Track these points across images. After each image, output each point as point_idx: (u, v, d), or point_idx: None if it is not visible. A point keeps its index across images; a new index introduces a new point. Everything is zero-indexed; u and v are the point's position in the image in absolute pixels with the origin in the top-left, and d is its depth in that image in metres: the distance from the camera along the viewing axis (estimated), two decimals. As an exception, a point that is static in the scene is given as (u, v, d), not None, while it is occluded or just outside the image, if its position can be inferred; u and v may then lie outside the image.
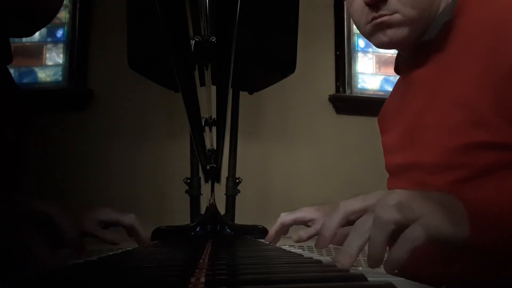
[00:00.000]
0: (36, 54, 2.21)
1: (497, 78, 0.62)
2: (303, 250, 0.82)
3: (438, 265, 0.65)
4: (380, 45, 0.78)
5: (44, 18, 0.77)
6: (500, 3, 0.67)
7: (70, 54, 2.19)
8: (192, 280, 0.32)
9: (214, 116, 0.84)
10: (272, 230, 0.92)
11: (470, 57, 0.67)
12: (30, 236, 0.48)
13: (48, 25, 0.87)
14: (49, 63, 2.22)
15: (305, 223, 0.92)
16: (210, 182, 1.18)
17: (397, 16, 0.73)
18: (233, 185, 1.67)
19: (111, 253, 0.68)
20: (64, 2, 0.83)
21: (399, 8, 0.73)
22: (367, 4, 0.74)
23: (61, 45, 2.22)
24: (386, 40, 0.76)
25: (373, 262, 0.43)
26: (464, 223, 0.47)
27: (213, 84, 0.72)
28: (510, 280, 0.56)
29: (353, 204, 0.52)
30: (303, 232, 0.84)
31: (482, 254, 0.50)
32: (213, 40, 0.60)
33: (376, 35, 0.77)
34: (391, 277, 0.37)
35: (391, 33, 0.75)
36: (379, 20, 0.74)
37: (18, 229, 0.48)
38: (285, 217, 0.90)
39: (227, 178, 1.67)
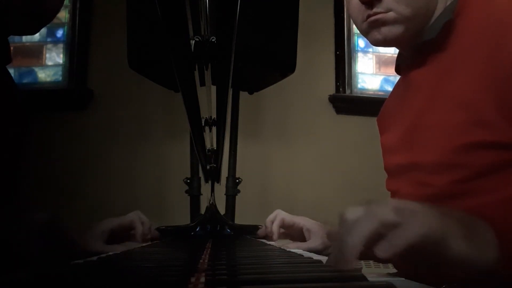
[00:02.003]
0: (36, 54, 2.21)
1: (498, 79, 0.62)
2: (303, 250, 0.82)
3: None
4: (376, 43, 0.79)
5: (48, 15, 0.77)
6: (500, 3, 0.67)
7: (70, 54, 2.19)
8: (192, 280, 0.32)
9: (214, 116, 0.84)
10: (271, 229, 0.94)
11: (471, 57, 0.67)
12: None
13: (48, 25, 0.87)
14: (49, 63, 2.22)
15: (301, 230, 0.95)
16: (210, 182, 1.18)
17: (391, 14, 0.74)
18: (233, 185, 1.67)
19: (111, 253, 0.68)
20: (64, 2, 0.83)
21: (393, 6, 0.73)
22: (362, 2, 0.75)
23: (61, 45, 2.22)
24: (381, 38, 0.77)
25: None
26: (491, 247, 0.45)
27: (213, 84, 0.72)
28: None
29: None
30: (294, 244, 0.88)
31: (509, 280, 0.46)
32: (213, 40, 0.60)
33: (371, 33, 0.78)
34: (391, 277, 0.37)
35: (385, 31, 0.75)
36: (373, 18, 0.75)
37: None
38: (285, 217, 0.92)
39: (227, 178, 1.67)
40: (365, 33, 0.80)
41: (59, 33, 2.22)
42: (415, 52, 0.79)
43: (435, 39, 0.73)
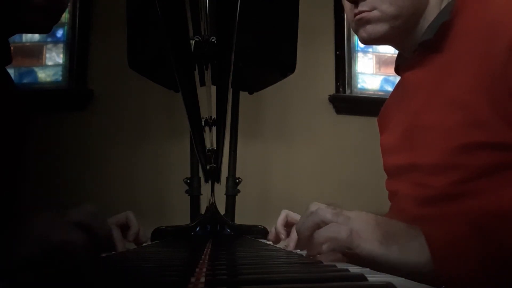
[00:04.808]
0: (36, 54, 2.21)
1: (491, 79, 0.62)
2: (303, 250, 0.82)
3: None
4: (363, 41, 0.80)
5: (59, 13, 0.77)
6: (495, 5, 0.67)
7: (70, 54, 2.19)
8: (192, 280, 0.32)
9: (214, 116, 0.84)
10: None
11: (467, 58, 0.67)
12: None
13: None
14: (49, 63, 2.22)
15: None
16: (210, 182, 1.18)
17: (375, 13, 0.75)
18: (233, 185, 1.67)
19: (111, 253, 0.68)
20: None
21: (377, 5, 0.75)
22: (349, 1, 0.77)
23: (61, 45, 2.22)
24: (366, 36, 0.78)
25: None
26: (425, 253, 0.50)
27: (213, 84, 0.72)
28: None
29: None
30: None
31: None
32: (213, 40, 0.60)
33: (359, 31, 0.79)
34: (391, 277, 0.37)
35: (370, 29, 0.77)
36: (358, 16, 0.77)
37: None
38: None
39: (227, 178, 1.67)
40: (355, 32, 0.82)
41: (59, 33, 2.22)
42: (413, 53, 0.79)
43: (433, 39, 0.73)
